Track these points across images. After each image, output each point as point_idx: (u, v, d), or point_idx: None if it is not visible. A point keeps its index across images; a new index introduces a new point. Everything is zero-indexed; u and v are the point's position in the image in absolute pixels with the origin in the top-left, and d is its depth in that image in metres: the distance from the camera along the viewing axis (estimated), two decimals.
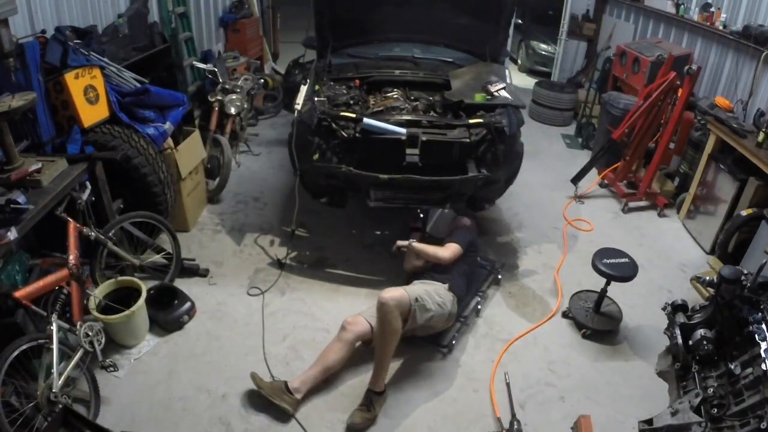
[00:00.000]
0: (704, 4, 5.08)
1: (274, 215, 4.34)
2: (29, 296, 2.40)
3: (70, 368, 2.44)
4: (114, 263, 3.24)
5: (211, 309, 3.30)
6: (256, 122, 6.08)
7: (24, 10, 3.12)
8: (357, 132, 3.34)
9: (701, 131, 4.45)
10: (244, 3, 6.53)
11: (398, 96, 3.95)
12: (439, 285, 2.99)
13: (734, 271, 2.15)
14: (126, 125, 3.30)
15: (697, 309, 2.39)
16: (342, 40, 4.44)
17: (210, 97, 4.74)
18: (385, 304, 2.66)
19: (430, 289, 2.91)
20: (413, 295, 2.77)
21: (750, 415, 1.90)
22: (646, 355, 3.09)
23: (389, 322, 2.65)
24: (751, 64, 4.44)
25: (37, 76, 2.86)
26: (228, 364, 2.91)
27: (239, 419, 2.61)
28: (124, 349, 2.96)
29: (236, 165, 4.99)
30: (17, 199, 2.38)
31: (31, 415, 2.27)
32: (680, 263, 4.03)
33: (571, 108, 6.74)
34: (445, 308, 2.90)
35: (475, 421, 2.68)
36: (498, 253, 4.02)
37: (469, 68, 4.13)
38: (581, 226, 4.48)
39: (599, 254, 3.25)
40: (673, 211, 4.73)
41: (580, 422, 2.42)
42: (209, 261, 3.70)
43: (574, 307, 3.38)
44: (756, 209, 3.62)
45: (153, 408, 2.64)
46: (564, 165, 5.52)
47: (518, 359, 3.07)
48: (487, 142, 3.43)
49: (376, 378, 2.68)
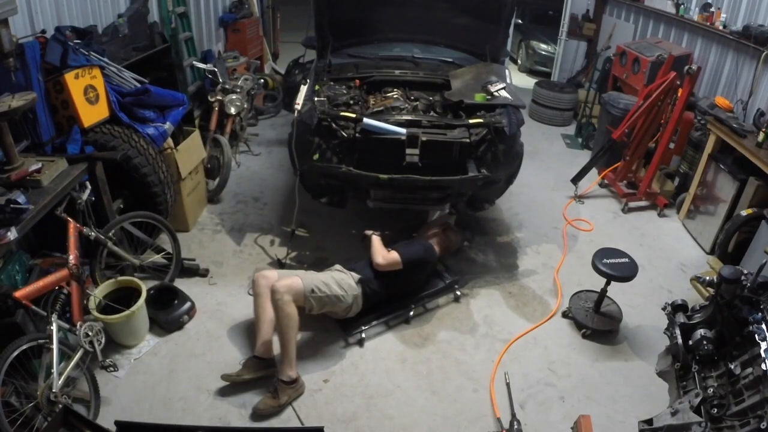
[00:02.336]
0: (704, 4, 5.07)
1: (274, 215, 4.34)
2: (29, 296, 2.40)
3: (70, 368, 2.44)
4: (114, 263, 3.25)
5: (211, 309, 3.30)
6: (256, 122, 6.08)
7: (24, 10, 3.12)
8: (357, 132, 3.34)
9: (701, 131, 4.46)
10: (244, 3, 6.53)
11: (398, 96, 3.95)
12: (349, 275, 3.05)
13: (734, 271, 2.15)
14: (126, 125, 3.30)
15: (697, 309, 2.39)
16: (342, 40, 4.44)
17: (210, 97, 4.75)
18: (276, 291, 2.77)
19: (337, 278, 3.00)
20: (309, 285, 2.86)
21: (750, 415, 1.90)
22: (646, 355, 3.09)
23: (281, 308, 2.74)
24: (751, 64, 4.44)
25: (37, 76, 2.86)
26: (228, 364, 2.90)
27: (239, 419, 2.61)
28: (124, 349, 2.96)
29: (236, 165, 4.99)
30: (17, 199, 2.38)
31: (31, 415, 2.27)
32: (680, 263, 4.03)
33: (571, 108, 6.75)
34: (344, 300, 2.96)
35: (475, 421, 2.68)
36: (498, 253, 4.02)
37: (469, 68, 4.13)
38: (581, 226, 4.48)
39: (599, 254, 3.25)
40: (673, 211, 4.73)
41: (580, 422, 2.42)
42: (209, 261, 3.70)
43: (574, 307, 3.38)
44: (756, 209, 3.62)
45: (153, 408, 2.64)
46: (564, 165, 5.53)
47: (518, 359, 3.07)
48: (487, 142, 3.43)
49: (281, 366, 2.72)
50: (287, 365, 2.72)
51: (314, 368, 2.92)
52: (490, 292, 3.60)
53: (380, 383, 2.86)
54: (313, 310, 2.91)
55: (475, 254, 3.99)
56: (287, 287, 2.78)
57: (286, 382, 2.68)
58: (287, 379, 2.69)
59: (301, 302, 2.83)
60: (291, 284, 2.81)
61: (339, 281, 2.98)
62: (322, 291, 2.88)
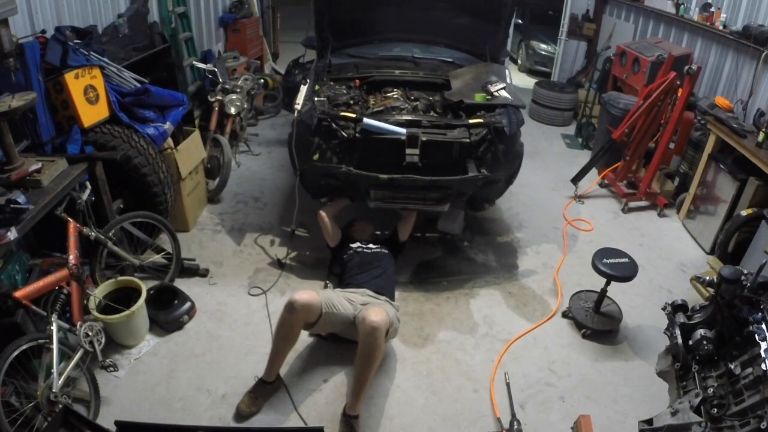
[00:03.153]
0: (704, 4, 5.07)
1: (274, 215, 4.34)
2: (29, 296, 2.39)
3: (70, 368, 2.44)
4: (114, 263, 3.25)
5: (211, 309, 3.30)
6: (256, 122, 6.08)
7: (24, 10, 3.12)
8: (357, 132, 3.34)
9: (701, 131, 4.45)
10: (244, 3, 6.53)
11: (398, 96, 3.95)
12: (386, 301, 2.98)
13: (734, 271, 2.15)
14: (126, 125, 3.30)
15: (697, 309, 2.39)
16: (342, 40, 4.44)
17: (210, 97, 4.75)
18: (378, 329, 2.54)
19: (390, 308, 2.89)
20: (391, 315, 2.75)
21: (750, 415, 1.90)
22: (646, 355, 3.09)
23: (380, 346, 2.57)
24: (751, 64, 4.44)
25: (37, 76, 2.86)
26: (228, 364, 2.91)
27: (239, 419, 2.61)
28: (124, 349, 2.96)
29: (236, 165, 4.99)
30: (17, 199, 2.38)
31: (31, 415, 2.27)
32: (680, 263, 4.03)
33: (571, 108, 6.75)
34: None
35: (474, 421, 2.68)
36: (498, 253, 4.02)
37: (469, 68, 4.12)
38: (581, 226, 4.48)
39: (599, 254, 3.25)
40: (673, 211, 4.73)
41: (580, 422, 2.41)
42: (209, 261, 3.70)
43: (574, 307, 3.38)
44: (756, 209, 3.62)
45: (153, 408, 2.64)
46: (564, 165, 5.53)
47: (518, 359, 3.07)
48: (487, 142, 3.43)
49: (357, 402, 2.56)
50: (362, 401, 2.59)
51: (314, 368, 2.92)
52: (490, 292, 3.60)
53: (380, 383, 2.85)
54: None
55: (475, 254, 3.99)
56: (385, 323, 2.58)
57: (356, 417, 2.57)
58: (356, 414, 2.57)
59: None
60: (386, 319, 2.60)
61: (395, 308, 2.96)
62: (396, 320, 2.85)
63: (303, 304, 2.62)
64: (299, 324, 2.68)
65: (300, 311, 2.62)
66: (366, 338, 2.56)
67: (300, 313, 2.63)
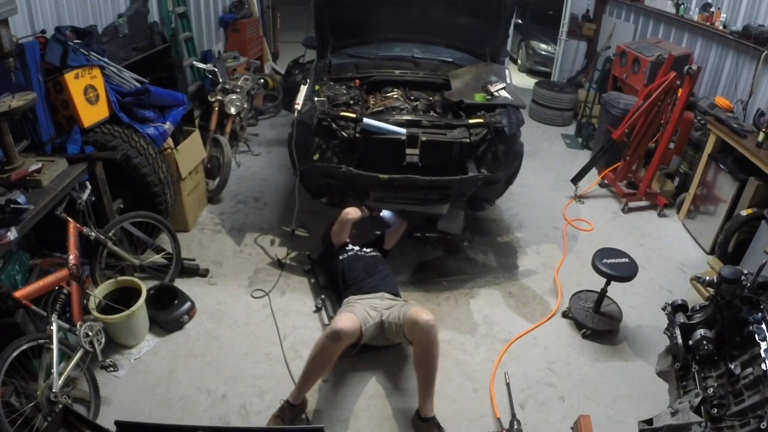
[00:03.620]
0: (704, 4, 5.08)
1: (274, 215, 4.34)
2: (29, 296, 2.40)
3: (70, 368, 2.44)
4: (114, 263, 3.25)
5: (211, 309, 3.30)
6: (256, 122, 6.08)
7: (24, 10, 3.12)
8: (357, 132, 3.34)
9: (701, 131, 4.45)
10: (244, 3, 6.53)
11: (398, 96, 3.95)
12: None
13: (734, 271, 2.15)
14: (126, 125, 3.30)
15: (697, 309, 2.39)
16: (342, 40, 4.44)
17: (210, 97, 4.75)
18: (435, 326, 2.59)
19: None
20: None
21: (750, 415, 1.90)
22: (646, 355, 3.09)
23: (438, 342, 2.60)
24: (751, 64, 4.44)
25: (37, 76, 2.86)
26: (228, 364, 2.91)
27: (239, 419, 2.61)
28: (124, 349, 2.96)
29: (236, 165, 4.99)
30: (17, 199, 2.38)
31: (31, 415, 2.27)
32: (680, 263, 4.03)
33: (571, 108, 6.74)
34: None
35: (474, 421, 2.68)
36: (498, 253, 4.02)
37: (469, 68, 4.12)
38: (581, 226, 4.48)
39: (599, 254, 3.25)
40: (673, 211, 4.73)
41: (580, 422, 2.42)
42: (209, 261, 3.70)
43: (574, 307, 3.38)
44: (756, 209, 3.62)
45: (153, 408, 2.64)
46: (564, 165, 5.53)
47: (518, 359, 3.07)
48: (487, 142, 3.43)
49: (429, 403, 2.57)
50: (432, 401, 2.58)
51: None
52: (490, 292, 3.60)
53: (380, 383, 2.86)
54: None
55: (475, 254, 3.99)
56: (433, 318, 2.62)
57: (434, 418, 2.56)
58: (433, 415, 2.56)
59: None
60: (431, 313, 2.65)
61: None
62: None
63: (348, 332, 2.57)
64: (341, 351, 2.60)
65: (345, 340, 2.56)
66: (426, 338, 2.57)
67: (345, 341, 2.57)
